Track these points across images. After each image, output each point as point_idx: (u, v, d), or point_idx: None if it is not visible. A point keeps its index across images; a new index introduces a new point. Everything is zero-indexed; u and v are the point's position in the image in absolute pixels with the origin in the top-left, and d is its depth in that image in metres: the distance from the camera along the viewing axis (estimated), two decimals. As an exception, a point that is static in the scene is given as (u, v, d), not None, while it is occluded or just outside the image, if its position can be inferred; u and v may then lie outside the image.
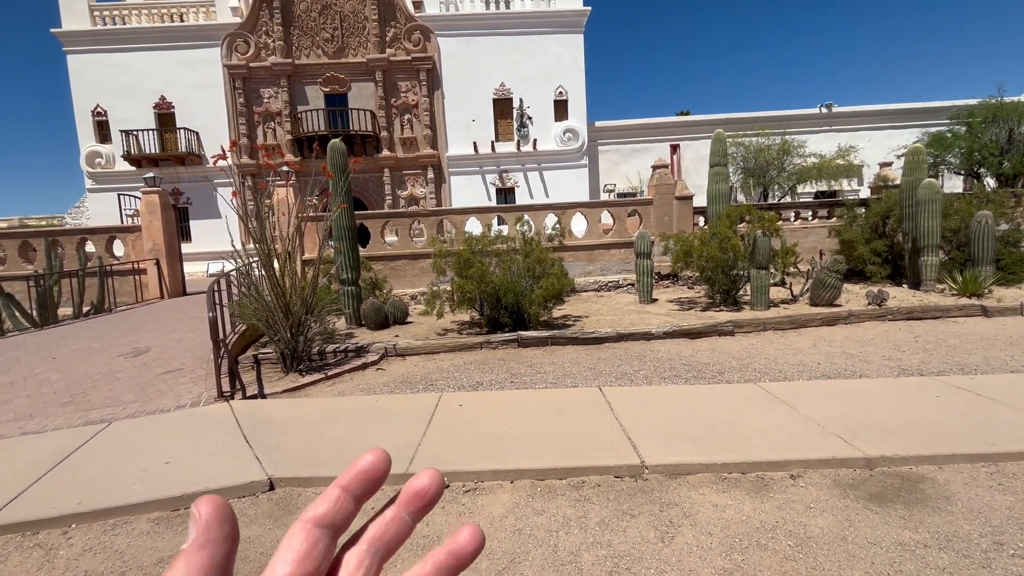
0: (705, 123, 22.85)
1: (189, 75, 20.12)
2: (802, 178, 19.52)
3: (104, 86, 20.09)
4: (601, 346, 6.61)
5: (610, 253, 11.63)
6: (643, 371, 5.39)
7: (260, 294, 5.99)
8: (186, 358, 6.33)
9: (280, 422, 4.18)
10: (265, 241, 6.02)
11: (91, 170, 20.39)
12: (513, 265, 7.53)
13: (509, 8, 20.81)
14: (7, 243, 11.88)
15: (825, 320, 7.26)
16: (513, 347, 6.70)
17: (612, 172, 22.66)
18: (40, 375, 5.90)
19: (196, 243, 19.95)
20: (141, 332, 8.15)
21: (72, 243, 11.95)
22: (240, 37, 19.95)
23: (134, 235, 12.31)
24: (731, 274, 8.69)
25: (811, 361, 5.53)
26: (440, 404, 4.39)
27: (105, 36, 19.92)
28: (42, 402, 4.95)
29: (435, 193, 21.11)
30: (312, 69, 20.30)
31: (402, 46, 20.39)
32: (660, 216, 11.65)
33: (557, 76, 20.99)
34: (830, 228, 11.54)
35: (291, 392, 5.23)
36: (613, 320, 7.97)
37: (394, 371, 5.90)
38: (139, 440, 3.91)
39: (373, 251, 11.30)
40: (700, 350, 6.20)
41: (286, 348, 5.92)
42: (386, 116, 20.64)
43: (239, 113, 20.23)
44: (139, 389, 5.21)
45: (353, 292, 8.50)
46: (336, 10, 20.14)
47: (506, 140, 21.25)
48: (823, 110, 22.82)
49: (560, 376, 5.31)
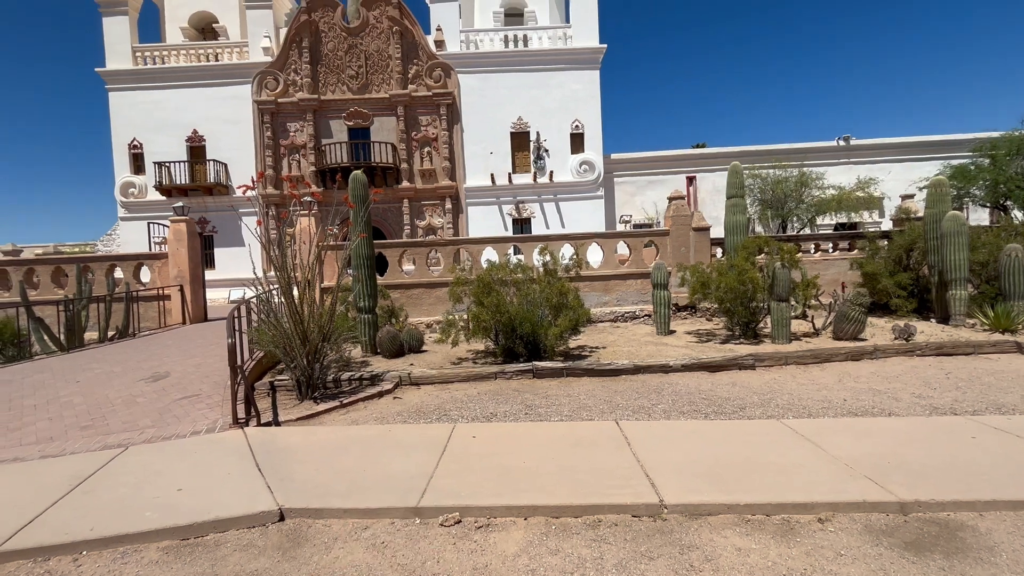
0: (721, 155, 22.99)
1: (220, 110, 21.08)
2: (821, 210, 19.36)
3: (141, 121, 21.14)
4: (618, 378, 6.49)
5: (627, 284, 11.57)
6: (661, 405, 5.26)
7: (279, 321, 6.07)
8: (204, 383, 6.39)
9: (293, 450, 4.16)
10: (286, 269, 6.14)
11: (124, 199, 21.25)
12: (530, 294, 7.53)
13: (527, 46, 21.51)
14: (41, 269, 12.33)
15: (850, 355, 7.04)
16: (528, 378, 6.63)
17: (628, 203, 22.79)
18: (63, 398, 6.00)
19: (219, 270, 20.46)
20: (162, 357, 8.28)
21: (102, 269, 12.35)
22: (270, 75, 20.93)
23: (161, 262, 12.69)
24: (750, 306, 8.54)
25: (836, 397, 5.35)
26: (453, 435, 4.33)
27: (145, 75, 21.10)
28: (63, 425, 5.02)
29: (452, 223, 21.43)
30: (337, 104, 21.11)
31: (423, 82, 21.13)
32: (677, 247, 11.61)
33: (574, 110, 21.45)
34: (852, 260, 11.33)
35: (305, 420, 5.21)
36: (630, 352, 7.86)
37: (408, 400, 5.86)
38: (154, 466, 3.92)
39: (391, 279, 11.43)
40: (720, 384, 6.05)
41: (302, 375, 5.95)
42: (406, 148, 21.23)
43: (266, 146, 21.03)
44: (157, 414, 5.26)
45: (370, 320, 8.56)
46: (361, 49, 21.06)
47: (523, 172, 21.62)
48: (840, 143, 22.79)
49: (576, 408, 5.22)
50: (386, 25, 20.99)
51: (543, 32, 21.65)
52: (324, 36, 21.05)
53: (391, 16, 20.92)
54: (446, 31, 21.28)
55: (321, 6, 21.00)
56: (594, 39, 21.36)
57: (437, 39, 21.20)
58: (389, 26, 20.96)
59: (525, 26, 22.06)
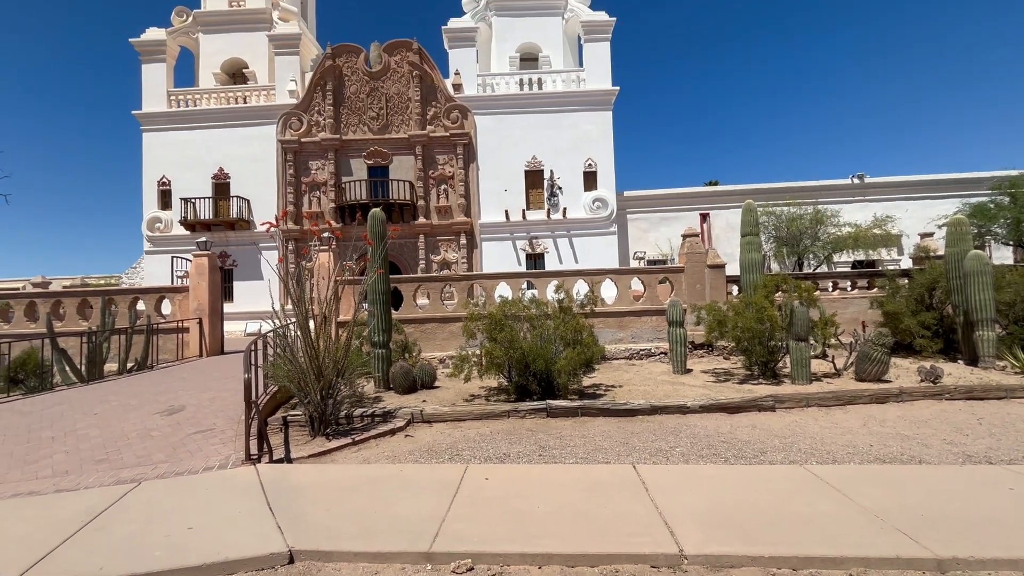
0: (734, 193, 23.11)
1: (246, 149, 21.95)
2: (838, 247, 19.20)
3: (171, 159, 22.07)
4: (634, 419, 6.36)
5: (641, 320, 11.48)
6: (679, 448, 5.12)
7: (294, 356, 6.11)
8: (218, 417, 6.41)
9: (304, 489, 4.11)
10: (303, 303, 6.24)
11: (150, 233, 21.96)
12: (544, 331, 7.50)
13: (542, 89, 22.21)
14: (67, 301, 12.68)
15: (874, 397, 6.83)
16: (542, 417, 6.52)
17: (641, 239, 22.87)
18: (80, 430, 6.05)
19: (238, 303, 20.80)
20: (178, 390, 8.35)
21: (126, 302, 12.65)
22: (295, 116, 21.84)
23: (182, 295, 12.97)
24: (768, 345, 8.39)
25: (862, 442, 5.15)
26: (466, 476, 4.25)
27: (177, 117, 22.18)
28: (79, 458, 5.04)
29: (467, 258, 21.66)
30: (358, 144, 21.86)
31: (441, 123, 21.84)
32: (692, 284, 11.54)
33: (587, 149, 21.89)
34: (871, 299, 11.14)
35: (317, 457, 5.17)
36: (646, 391, 7.72)
37: (420, 438, 5.80)
38: (165, 502, 3.90)
39: (405, 314, 11.50)
40: (739, 426, 5.88)
41: (315, 411, 5.94)
42: (423, 186, 21.76)
43: (288, 183, 21.73)
44: (170, 448, 5.26)
45: (384, 355, 8.58)
46: (383, 92, 21.95)
47: (537, 208, 21.93)
48: (855, 180, 22.80)
49: (591, 450, 5.10)
50: (406, 69, 21.93)
51: (557, 76, 22.39)
52: (347, 79, 22.02)
53: (411, 61, 21.88)
54: (464, 75, 22.14)
55: (345, 52, 22.07)
56: (607, 82, 22.01)
57: (455, 82, 22.04)
58: (409, 70, 21.89)
59: (540, 70, 22.85)
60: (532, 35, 23.41)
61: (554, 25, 23.53)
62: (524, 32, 23.40)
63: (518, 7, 23.32)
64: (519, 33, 23.39)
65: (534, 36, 23.41)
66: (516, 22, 23.39)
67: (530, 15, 23.38)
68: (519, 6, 23.31)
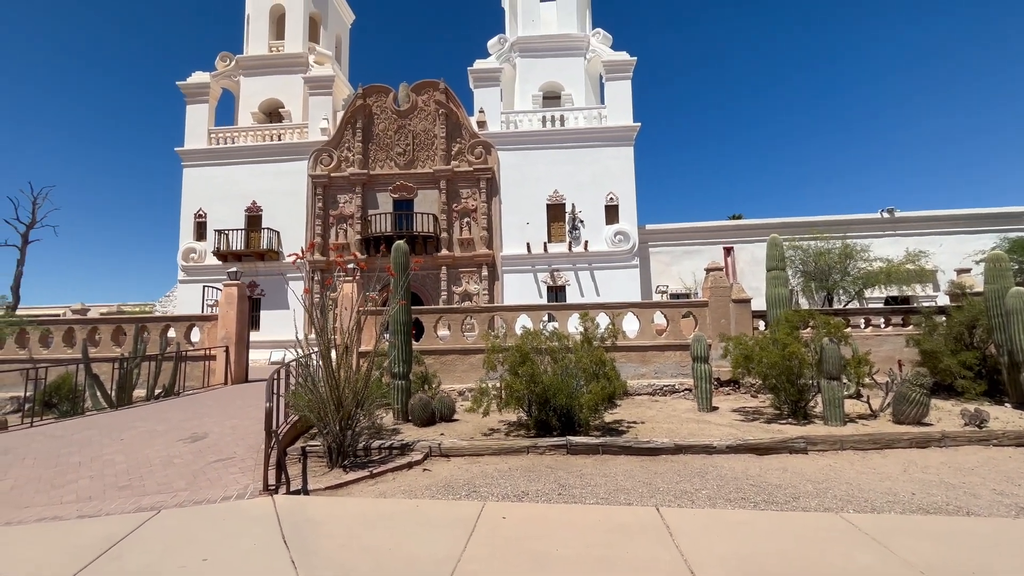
0: (759, 227, 22.85)
1: (278, 183, 22.87)
2: (869, 283, 18.63)
3: (207, 193, 23.13)
4: (657, 458, 6.15)
5: (665, 355, 11.25)
6: (705, 490, 4.91)
7: (315, 386, 6.16)
8: (239, 446, 6.44)
9: (319, 523, 4.06)
10: (326, 333, 6.33)
11: (185, 263, 22.81)
12: (566, 364, 7.41)
13: (564, 125, 22.71)
14: (103, 328, 13.14)
15: (914, 441, 6.46)
16: (562, 453, 6.37)
17: (664, 273, 22.67)
18: (106, 456, 6.15)
19: (264, 331, 21.24)
20: (202, 417, 8.46)
21: (157, 329, 13.05)
22: (326, 152, 22.76)
23: (211, 323, 13.32)
24: (798, 384, 8.09)
25: (903, 490, 4.85)
26: (483, 514, 4.14)
27: (216, 153, 23.37)
28: (103, 484, 5.11)
29: (488, 289, 21.78)
30: (384, 178, 22.56)
31: (465, 159, 22.44)
32: (716, 319, 11.31)
33: (608, 183, 22.10)
34: (907, 337, 10.70)
35: (333, 490, 5.13)
36: (670, 429, 7.49)
37: (438, 473, 5.70)
38: (183, 532, 3.89)
39: (425, 345, 11.53)
40: (769, 469, 5.62)
41: (334, 442, 5.93)
42: (447, 219, 22.19)
43: (316, 215, 22.46)
44: (191, 476, 5.30)
45: (403, 386, 8.57)
46: (409, 129, 22.76)
47: (558, 241, 22.06)
48: (884, 214, 22.33)
49: (612, 490, 4.92)
50: (433, 108, 22.76)
51: (579, 112, 22.90)
52: (376, 118, 22.95)
53: (438, 100, 22.72)
54: (488, 113, 22.84)
55: (375, 92, 23.09)
56: (628, 118, 22.39)
57: (479, 120, 22.73)
58: (436, 108, 22.70)
59: (562, 107, 23.43)
60: (555, 74, 24.13)
61: (576, 65, 24.23)
62: (547, 72, 24.14)
63: (542, 49, 24.16)
64: (542, 73, 24.14)
65: (557, 75, 24.12)
66: (539, 62, 24.18)
67: (553, 56, 24.16)
68: (542, 48, 24.15)
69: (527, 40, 24.14)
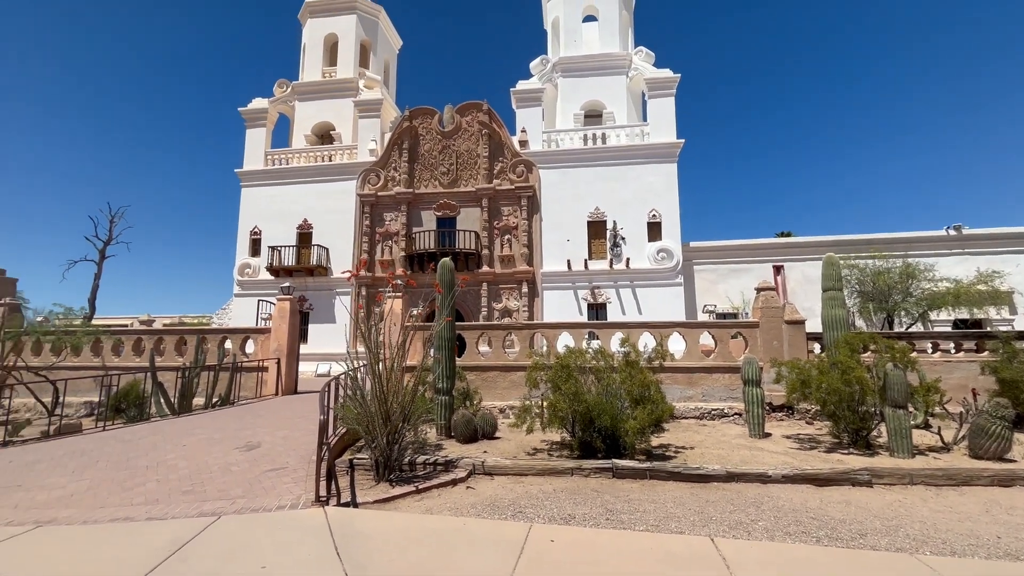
0: (811, 245, 21.97)
1: (328, 202, 23.88)
2: (934, 304, 17.48)
3: (263, 211, 24.40)
4: (708, 485, 5.92)
5: (712, 377, 10.88)
6: (761, 522, 4.68)
7: (364, 399, 6.31)
8: (291, 456, 6.66)
9: (369, 537, 4.12)
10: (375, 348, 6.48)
11: (240, 278, 24.03)
12: (609, 384, 7.29)
13: (606, 143, 22.71)
14: (168, 338, 13.97)
15: (996, 479, 5.95)
16: (607, 477, 6.23)
17: (709, 292, 22.05)
18: (170, 461, 6.49)
19: (311, 344, 21.98)
20: (255, 427, 8.81)
21: (215, 341, 13.75)
22: (373, 172, 23.64)
23: (264, 336, 13.93)
24: (859, 411, 7.64)
25: (986, 533, 4.46)
26: (530, 537, 4.10)
27: (272, 174, 24.70)
28: (168, 488, 5.38)
29: (528, 306, 21.80)
30: (429, 197, 23.17)
31: (507, 177, 22.77)
32: (768, 341, 10.87)
33: (651, 200, 21.85)
34: (982, 364, 9.92)
35: (381, 504, 5.20)
36: (720, 455, 7.21)
37: (482, 491, 5.69)
38: (242, 538, 4.04)
39: (467, 361, 11.61)
40: (830, 502, 5.30)
41: (381, 456, 6.03)
42: (488, 236, 22.48)
43: (363, 233, 23.26)
44: (247, 484, 5.50)
45: (447, 402, 8.66)
46: (454, 149, 23.35)
47: (599, 258, 21.90)
48: (951, 232, 20.99)
49: (662, 518, 4.77)
50: (476, 128, 23.29)
51: (621, 130, 22.86)
52: (422, 139, 23.69)
53: (481, 120, 23.25)
54: (530, 132, 23.15)
55: (421, 114, 23.88)
56: (671, 135, 22.16)
57: (521, 139, 23.06)
58: (479, 129, 23.22)
59: (604, 125, 23.46)
60: (596, 93, 24.26)
61: (618, 83, 24.28)
62: (589, 91, 24.31)
63: (584, 68, 24.39)
64: (584, 92, 24.33)
65: (598, 94, 24.24)
66: (581, 82, 24.40)
67: (595, 75, 24.33)
68: (584, 67, 24.37)
69: (569, 60, 24.44)
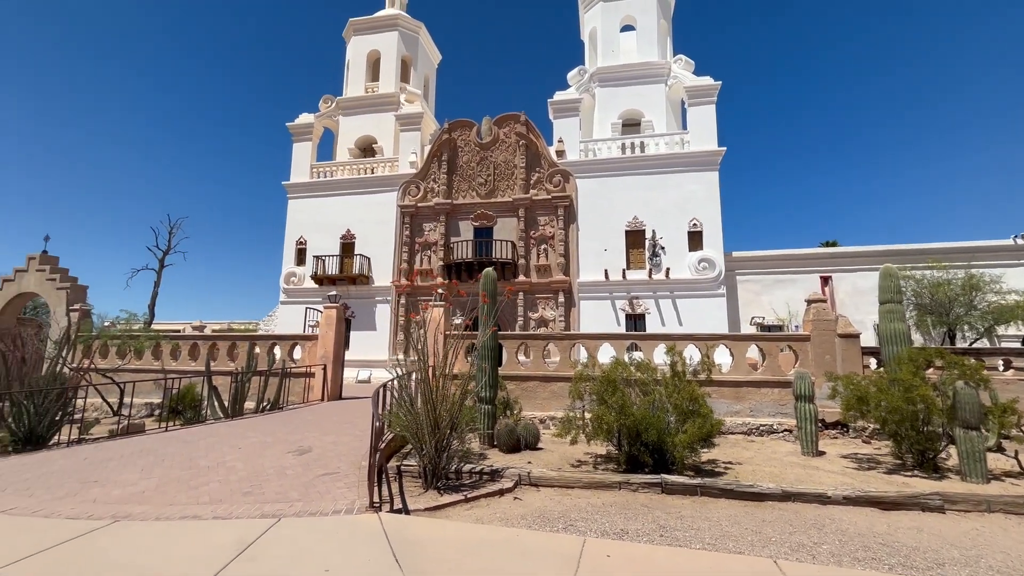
0: (861, 255, 21.05)
1: (370, 213, 24.54)
2: (1001, 318, 16.38)
3: (308, 222, 25.30)
4: (762, 504, 5.72)
5: (761, 392, 10.52)
6: (825, 545, 4.48)
7: (412, 407, 6.42)
8: (341, 462, 6.83)
9: (424, 544, 4.18)
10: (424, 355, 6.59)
11: (286, 286, 24.92)
12: (655, 397, 7.17)
13: (644, 152, 22.49)
14: (221, 344, 14.62)
15: (1085, 509, 5.50)
16: (656, 492, 6.11)
17: (753, 303, 21.39)
18: (229, 463, 6.77)
19: (352, 351, 22.49)
20: (304, 431, 9.08)
21: (265, 346, 14.29)
22: (413, 183, 24.17)
23: (311, 343, 14.38)
24: (924, 431, 7.23)
25: (1079, 567, 4.13)
26: (585, 551, 4.06)
27: (317, 186, 25.61)
28: (229, 489, 5.61)
29: (564, 316, 21.69)
30: (466, 207, 23.49)
31: (544, 187, 22.84)
32: (820, 355, 10.44)
33: (691, 209, 21.45)
34: (1061, 383, 9.23)
35: (431, 511, 5.26)
36: (772, 473, 6.96)
37: (529, 502, 5.68)
38: (303, 540, 4.17)
39: (507, 371, 11.63)
40: (900, 527, 5.03)
41: (429, 463, 6.11)
42: (524, 246, 22.56)
43: (404, 243, 23.76)
44: (302, 488, 5.68)
45: (489, 411, 8.70)
46: (491, 160, 23.63)
47: (637, 268, 21.61)
48: (1018, 241, 19.68)
49: (718, 536, 4.63)
50: (514, 139, 23.51)
51: (660, 138, 22.59)
52: (460, 150, 24.09)
53: (518, 132, 23.46)
54: (567, 142, 23.20)
55: (460, 127, 24.31)
56: (712, 143, 21.75)
57: (558, 149, 23.13)
58: (516, 140, 23.44)
59: (642, 134, 23.24)
60: (635, 102, 24.10)
61: (657, 91, 24.06)
62: (627, 100, 24.18)
63: (622, 78, 24.30)
64: (622, 101, 24.22)
65: (637, 103, 24.08)
66: (619, 91, 24.31)
67: (633, 84, 24.20)
68: (622, 77, 24.28)
69: (607, 70, 24.41)
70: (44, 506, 5.00)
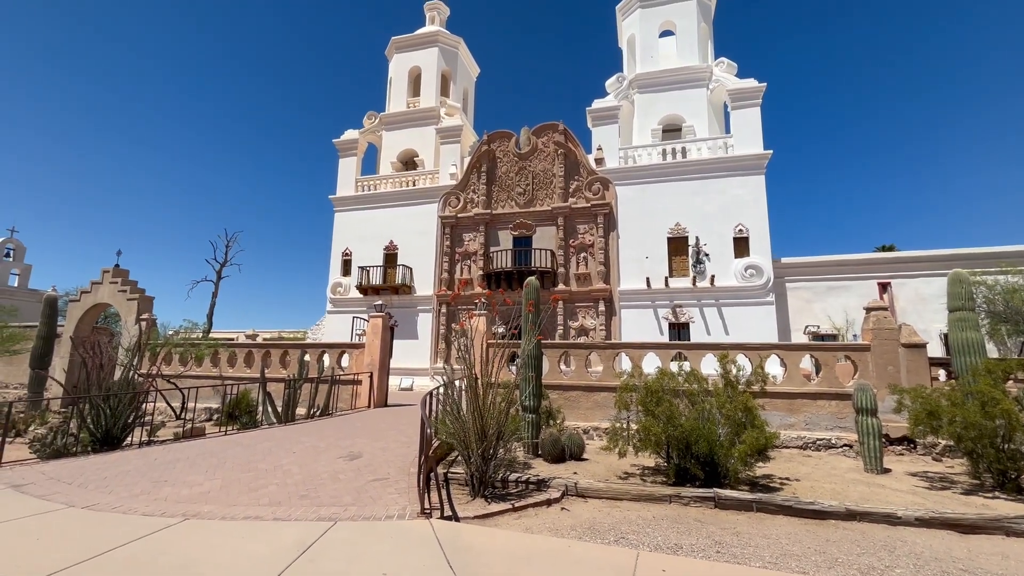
0: (922, 260, 19.85)
1: (412, 224, 25.14)
2: (1089, 326, 15.00)
3: (353, 234, 26.17)
4: (824, 523, 5.44)
5: (817, 404, 10.03)
6: (899, 569, 4.21)
7: (459, 415, 6.50)
8: (391, 468, 6.97)
9: (477, 552, 4.21)
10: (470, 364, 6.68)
11: (333, 296, 25.80)
12: (705, 408, 6.97)
13: (686, 157, 22.07)
14: (274, 351, 15.26)
15: None
16: (709, 506, 5.92)
17: (804, 311, 20.49)
18: (285, 466, 7.04)
19: (394, 360, 22.96)
20: (354, 437, 9.33)
21: (315, 354, 14.81)
22: (453, 194, 24.61)
23: (359, 351, 14.80)
24: (1006, 449, 6.70)
25: None
26: (639, 564, 3.98)
27: (362, 199, 26.50)
28: (287, 492, 5.84)
29: (605, 325, 21.43)
30: (505, 217, 23.69)
31: (583, 195, 22.76)
32: (882, 365, 9.88)
33: (736, 215, 20.85)
34: None
35: (481, 520, 5.29)
36: (833, 490, 6.62)
37: (578, 513, 5.62)
38: (360, 544, 4.28)
39: (549, 380, 11.58)
40: (981, 553, 4.67)
41: (476, 471, 6.15)
42: (564, 254, 22.51)
43: (444, 253, 24.18)
44: (355, 492, 5.83)
45: (534, 420, 8.69)
46: (530, 170, 23.78)
47: (680, 276, 21.14)
48: (1105, 242, 18.02)
49: (779, 555, 4.44)
50: (552, 149, 23.59)
51: (702, 143, 22.13)
52: (499, 161, 24.38)
53: (557, 141, 23.53)
54: (606, 149, 23.08)
55: (499, 138, 24.63)
56: (758, 146, 21.12)
57: (597, 157, 23.03)
58: (555, 149, 23.50)
59: (683, 139, 22.84)
60: (675, 107, 23.75)
61: (698, 96, 23.63)
62: (667, 105, 23.86)
63: (661, 83, 24.01)
64: (662, 106, 23.92)
65: (677, 108, 23.71)
66: (659, 97, 24.02)
67: (673, 89, 23.87)
68: (662, 82, 24.00)
69: (646, 76, 24.19)
70: (123, 503, 5.36)
